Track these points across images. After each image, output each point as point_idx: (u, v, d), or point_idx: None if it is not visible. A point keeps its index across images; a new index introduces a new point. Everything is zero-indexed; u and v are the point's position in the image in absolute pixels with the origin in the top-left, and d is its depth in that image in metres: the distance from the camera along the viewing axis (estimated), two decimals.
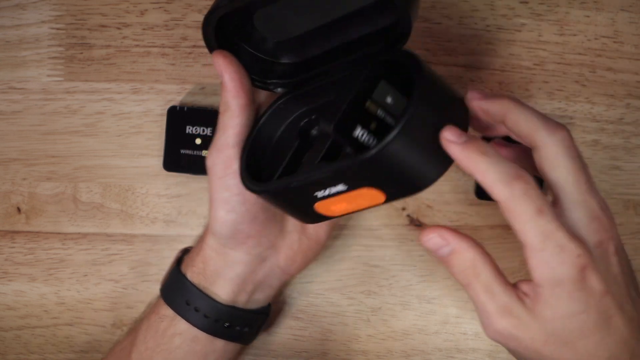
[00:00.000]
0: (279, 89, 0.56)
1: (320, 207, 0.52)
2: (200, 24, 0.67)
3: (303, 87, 0.56)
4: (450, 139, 0.47)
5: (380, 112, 0.51)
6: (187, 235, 0.67)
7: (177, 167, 0.65)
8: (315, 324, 0.68)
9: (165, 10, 0.66)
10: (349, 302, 0.67)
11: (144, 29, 0.66)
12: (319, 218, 0.53)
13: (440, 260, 0.50)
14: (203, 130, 0.65)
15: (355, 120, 0.50)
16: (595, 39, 0.67)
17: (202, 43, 0.66)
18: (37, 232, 0.67)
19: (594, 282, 0.47)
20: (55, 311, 0.67)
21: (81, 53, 0.66)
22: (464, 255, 0.49)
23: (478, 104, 0.50)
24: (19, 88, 0.67)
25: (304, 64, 0.56)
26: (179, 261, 0.61)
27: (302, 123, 0.56)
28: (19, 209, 0.67)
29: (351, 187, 0.49)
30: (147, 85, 0.66)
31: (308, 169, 0.51)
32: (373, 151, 0.46)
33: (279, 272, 0.60)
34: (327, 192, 0.50)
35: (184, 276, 0.59)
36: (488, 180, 0.47)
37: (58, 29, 0.67)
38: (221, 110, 0.54)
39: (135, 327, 0.62)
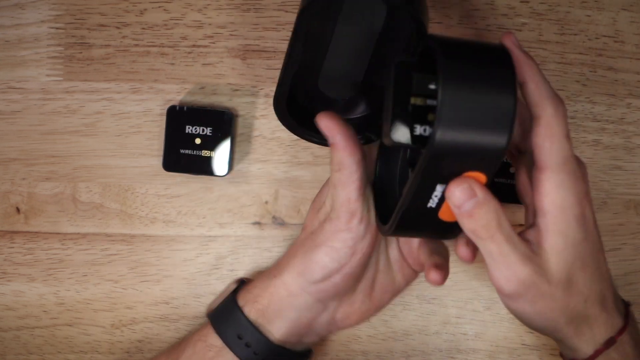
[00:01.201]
0: (364, 141, 0.59)
1: (444, 215, 0.51)
2: (199, 24, 0.67)
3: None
4: (513, 40, 0.49)
5: (429, 101, 0.51)
6: (186, 236, 0.67)
7: (176, 167, 0.65)
8: None
9: (164, 10, 0.66)
10: None
11: (143, 29, 0.66)
12: (454, 227, 0.52)
13: (459, 215, 0.50)
14: (203, 130, 0.65)
15: (409, 122, 0.50)
16: (596, 38, 0.67)
17: (202, 42, 0.66)
18: (36, 232, 0.67)
19: (589, 210, 0.51)
20: (55, 311, 0.67)
21: (80, 52, 0.66)
22: (490, 206, 0.49)
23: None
24: (18, 88, 0.66)
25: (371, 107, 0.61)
26: (235, 291, 0.61)
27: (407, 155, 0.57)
28: (18, 209, 0.67)
29: (446, 181, 0.49)
30: (146, 84, 0.66)
31: (404, 188, 0.51)
32: (431, 138, 0.45)
33: (331, 324, 0.61)
34: (435, 199, 0.50)
35: (240, 310, 0.59)
36: (541, 92, 0.49)
37: (57, 28, 0.66)
38: (335, 169, 0.56)
39: (177, 348, 0.62)
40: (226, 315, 0.60)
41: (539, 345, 0.68)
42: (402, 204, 0.51)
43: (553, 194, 0.49)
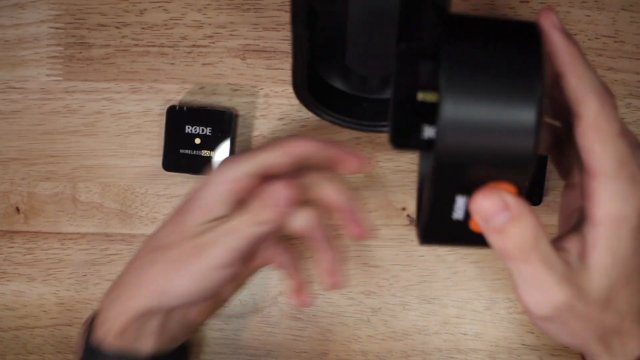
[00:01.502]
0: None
1: (475, 226, 0.44)
2: (199, 23, 0.66)
3: None
4: (553, 20, 0.41)
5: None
6: None
7: (176, 167, 0.65)
8: (315, 324, 0.68)
9: (164, 10, 0.66)
10: (349, 303, 0.67)
11: (143, 28, 0.66)
12: None
13: (486, 231, 0.42)
14: (202, 130, 0.65)
15: (415, 122, 0.42)
16: (596, 38, 0.67)
17: (202, 42, 0.66)
18: (36, 232, 0.67)
19: None
20: (54, 311, 0.67)
21: (80, 52, 0.66)
22: (526, 222, 0.41)
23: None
24: (18, 87, 0.66)
25: None
26: (88, 333, 0.57)
27: None
28: (17, 209, 0.67)
29: (467, 192, 0.41)
30: (146, 84, 0.66)
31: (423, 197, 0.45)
32: (435, 143, 0.38)
33: (188, 324, 0.61)
34: (459, 211, 0.42)
35: (98, 352, 0.56)
36: (584, 86, 0.42)
37: (57, 28, 0.66)
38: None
39: None
40: None
41: (539, 345, 0.68)
42: (422, 217, 0.44)
43: (608, 205, 0.42)
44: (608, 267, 0.43)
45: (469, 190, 0.41)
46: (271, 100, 0.66)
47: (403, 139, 0.42)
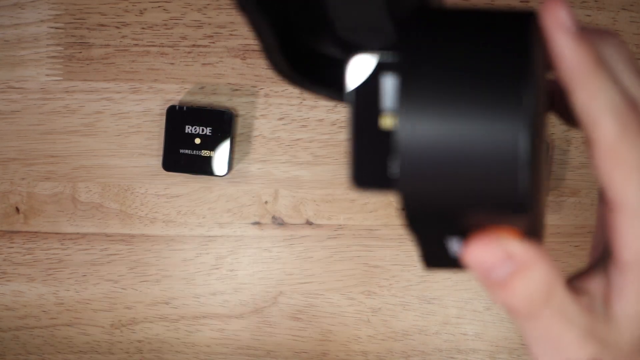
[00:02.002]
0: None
1: None
2: (199, 23, 0.66)
3: None
4: (559, 17, 0.32)
5: None
6: (186, 235, 0.67)
7: (176, 167, 0.65)
8: (315, 325, 0.67)
9: (164, 10, 0.66)
10: (349, 303, 0.67)
11: (143, 28, 0.66)
12: None
13: (487, 286, 0.34)
14: (202, 130, 0.65)
15: (378, 155, 0.33)
16: None
17: (202, 42, 0.66)
18: (36, 232, 0.67)
19: None
20: (54, 311, 0.67)
21: (80, 52, 0.66)
22: (535, 273, 0.34)
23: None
24: (18, 87, 0.66)
25: None
26: None
27: None
28: (17, 209, 0.67)
29: (459, 232, 0.33)
30: (146, 84, 0.66)
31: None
32: (398, 185, 0.30)
33: None
34: (455, 248, 0.35)
35: None
36: (596, 103, 0.33)
37: (57, 28, 0.66)
38: None
39: None
40: None
41: None
42: (418, 251, 0.36)
43: (635, 244, 0.35)
44: (638, 316, 0.37)
45: (460, 231, 0.33)
46: (271, 100, 0.66)
47: (367, 178, 0.33)
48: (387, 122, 0.33)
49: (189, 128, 0.65)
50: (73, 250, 0.67)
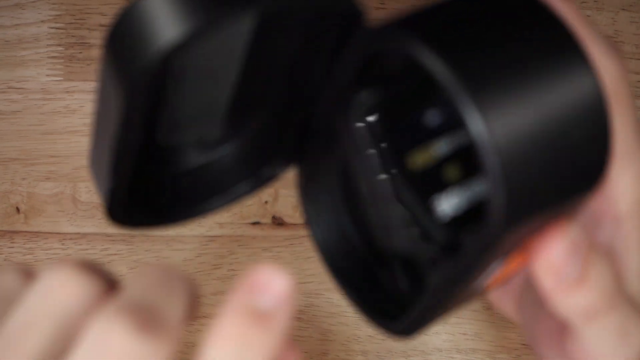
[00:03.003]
0: None
1: (491, 285, 0.33)
2: None
3: None
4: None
5: (432, 150, 0.29)
6: (186, 235, 0.67)
7: None
8: (315, 324, 0.68)
9: None
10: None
11: None
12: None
13: (558, 291, 0.29)
14: None
15: (420, 208, 0.29)
16: None
17: None
18: (36, 232, 0.67)
19: None
20: None
21: (80, 52, 0.66)
22: (601, 257, 0.30)
23: None
24: (18, 88, 0.66)
25: None
26: None
27: None
28: (18, 209, 0.67)
29: (506, 253, 0.28)
30: None
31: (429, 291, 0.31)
32: (491, 205, 0.25)
33: None
34: (487, 276, 0.30)
35: None
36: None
37: (57, 28, 0.66)
38: None
39: None
40: None
41: None
42: (429, 304, 0.31)
43: (630, 192, 0.32)
44: None
45: (509, 250, 0.28)
46: None
47: (433, 242, 0.27)
48: (416, 162, 0.28)
49: None
50: (74, 250, 0.67)
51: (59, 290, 0.28)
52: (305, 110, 0.36)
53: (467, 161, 0.27)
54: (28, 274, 0.30)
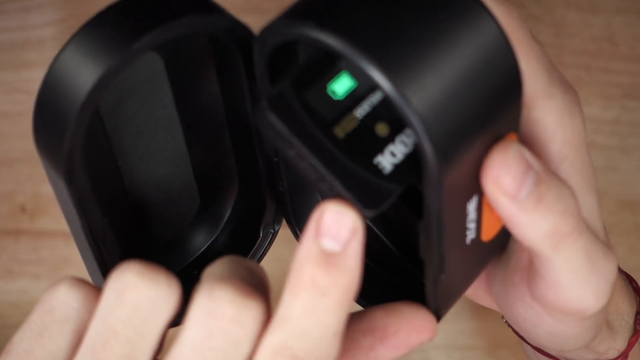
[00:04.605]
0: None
1: (487, 234, 0.33)
2: None
3: None
4: None
5: (358, 112, 0.29)
6: None
7: None
8: None
9: None
10: None
11: None
12: (496, 243, 0.34)
13: (518, 214, 0.29)
14: None
15: (367, 164, 0.29)
16: (592, 41, 0.68)
17: None
18: (41, 232, 0.67)
19: None
20: None
21: None
22: (556, 179, 0.30)
23: None
24: (23, 89, 0.67)
25: None
26: None
27: None
28: (23, 209, 0.67)
29: (473, 190, 0.30)
30: None
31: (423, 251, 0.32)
32: (422, 149, 0.27)
33: None
34: (472, 224, 0.31)
35: None
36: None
37: (61, 31, 0.67)
38: None
39: None
40: None
41: None
42: (434, 272, 0.31)
43: (558, 132, 0.33)
44: (595, 202, 0.34)
45: (472, 187, 0.29)
46: None
47: (374, 198, 0.28)
48: (345, 127, 0.29)
49: None
50: (77, 250, 0.67)
51: (131, 295, 0.29)
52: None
53: (391, 115, 0.29)
54: (87, 289, 0.32)
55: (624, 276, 0.42)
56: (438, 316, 0.34)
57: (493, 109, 0.28)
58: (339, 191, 0.28)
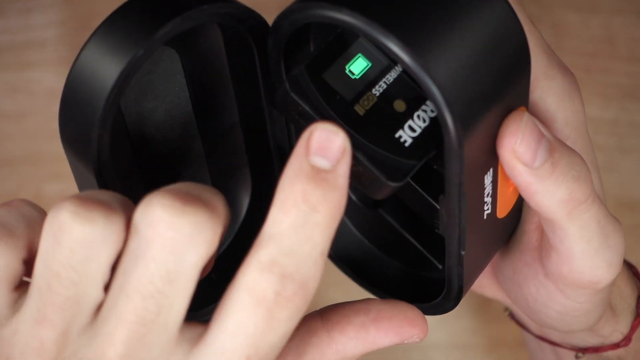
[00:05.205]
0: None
1: (502, 210, 0.34)
2: None
3: None
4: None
5: (375, 90, 0.30)
6: None
7: None
8: None
9: None
10: (349, 300, 0.68)
11: None
12: (511, 219, 0.36)
13: (534, 182, 0.30)
14: None
15: (388, 141, 0.30)
16: (591, 41, 0.68)
17: None
18: None
19: None
20: None
21: None
22: (574, 157, 0.32)
23: None
24: (25, 90, 0.67)
25: None
26: None
27: None
28: None
29: (490, 163, 0.31)
30: None
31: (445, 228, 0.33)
32: (444, 123, 0.28)
33: None
34: (488, 199, 0.32)
35: None
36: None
37: (63, 32, 0.67)
38: None
39: None
40: None
41: None
42: (455, 248, 0.32)
43: (561, 112, 0.35)
44: (597, 180, 0.37)
45: (489, 159, 0.30)
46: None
47: (397, 172, 0.30)
48: (364, 105, 0.30)
49: None
50: None
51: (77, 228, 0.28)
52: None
53: (408, 91, 0.30)
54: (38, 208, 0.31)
55: (624, 262, 0.44)
56: (459, 294, 0.35)
57: (506, 80, 0.29)
58: (363, 166, 0.29)
